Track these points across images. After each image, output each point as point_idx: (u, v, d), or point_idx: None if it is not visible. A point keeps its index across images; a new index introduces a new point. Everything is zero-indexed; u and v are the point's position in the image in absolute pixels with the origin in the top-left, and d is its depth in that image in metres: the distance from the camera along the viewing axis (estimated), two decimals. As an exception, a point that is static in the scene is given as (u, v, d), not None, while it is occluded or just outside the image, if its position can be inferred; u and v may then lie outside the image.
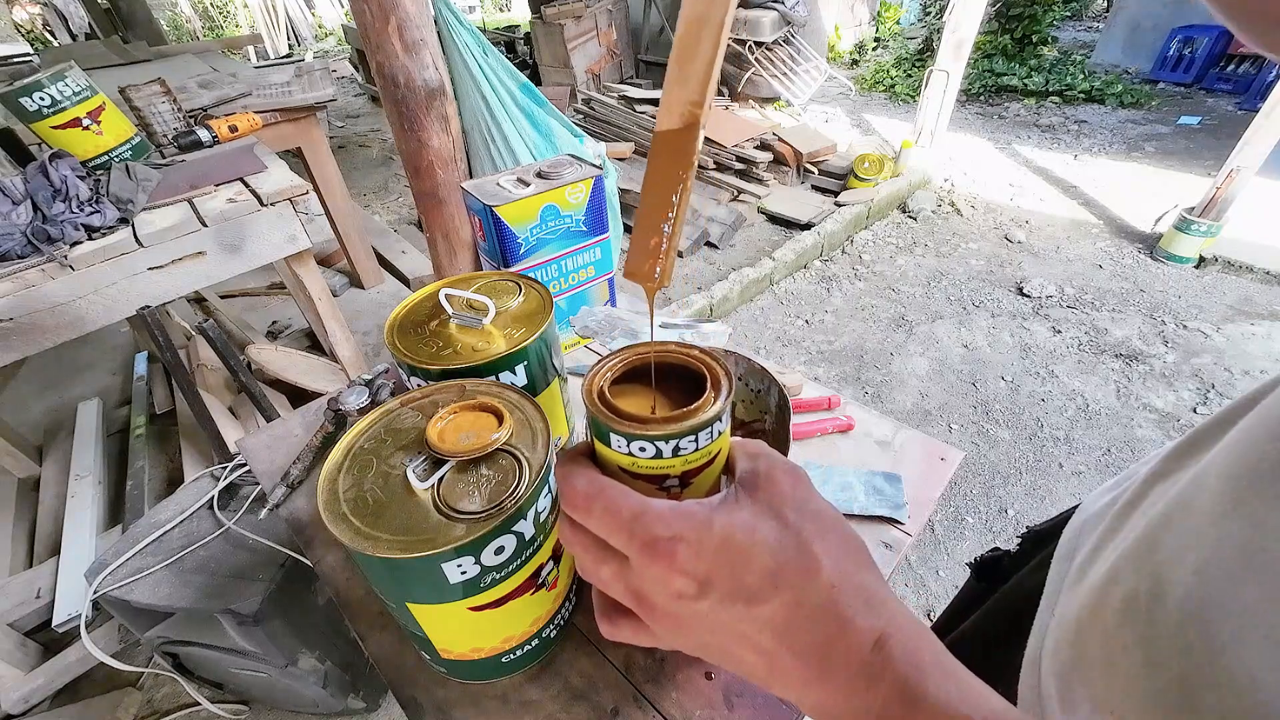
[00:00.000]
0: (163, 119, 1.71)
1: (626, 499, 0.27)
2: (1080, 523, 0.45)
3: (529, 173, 0.85)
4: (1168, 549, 0.30)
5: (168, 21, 8.77)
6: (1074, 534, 0.45)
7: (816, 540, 0.26)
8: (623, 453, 0.29)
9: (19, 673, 1.35)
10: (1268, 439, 0.26)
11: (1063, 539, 0.46)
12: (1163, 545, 0.31)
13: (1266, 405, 0.28)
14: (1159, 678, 0.28)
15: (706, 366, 0.32)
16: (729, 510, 0.27)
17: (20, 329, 1.21)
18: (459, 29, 1.95)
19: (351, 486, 0.46)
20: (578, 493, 0.28)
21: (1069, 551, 0.44)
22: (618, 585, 0.28)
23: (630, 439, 0.29)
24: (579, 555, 0.30)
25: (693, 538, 0.26)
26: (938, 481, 0.71)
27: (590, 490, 0.28)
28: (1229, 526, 0.27)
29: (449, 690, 0.55)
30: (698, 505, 0.27)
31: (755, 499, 0.28)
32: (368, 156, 4.80)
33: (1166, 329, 2.45)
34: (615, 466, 0.31)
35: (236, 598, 1.02)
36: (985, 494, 1.86)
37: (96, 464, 1.80)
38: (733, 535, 0.26)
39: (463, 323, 0.64)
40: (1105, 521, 0.39)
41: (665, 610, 0.27)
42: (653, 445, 0.29)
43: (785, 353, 2.52)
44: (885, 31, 6.34)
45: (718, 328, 0.88)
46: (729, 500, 0.28)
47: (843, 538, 0.27)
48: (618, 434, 0.29)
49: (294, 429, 0.88)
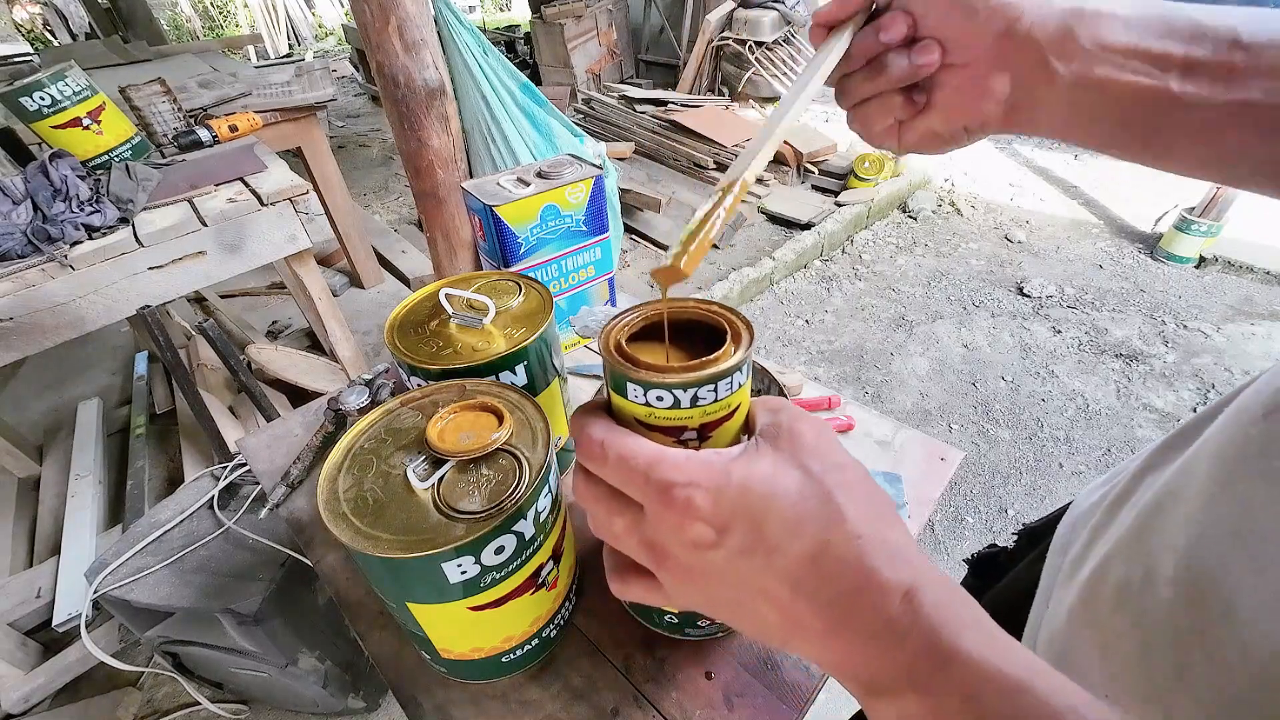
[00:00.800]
0: (163, 119, 1.71)
1: (642, 446, 0.26)
2: (1074, 518, 0.46)
3: (529, 172, 0.85)
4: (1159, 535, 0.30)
5: (168, 21, 8.77)
6: (1068, 529, 0.45)
7: (840, 491, 0.25)
8: (639, 403, 0.29)
9: (19, 672, 1.35)
10: (1250, 422, 0.26)
11: (1057, 534, 0.46)
12: (1154, 532, 0.31)
13: (1249, 392, 0.28)
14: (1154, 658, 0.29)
15: (727, 320, 0.32)
16: (749, 459, 0.26)
17: (20, 328, 1.21)
18: (459, 29, 1.95)
19: (351, 486, 0.46)
20: (593, 440, 0.27)
21: (1063, 546, 0.44)
22: (631, 539, 0.27)
23: (648, 388, 0.28)
24: (592, 508, 0.29)
25: (710, 485, 0.25)
26: (938, 481, 0.71)
27: (606, 438, 0.27)
28: (1217, 508, 0.27)
29: (449, 690, 0.55)
30: (716, 454, 0.26)
31: (777, 449, 0.26)
32: (368, 156, 4.80)
33: (1167, 329, 2.45)
34: (632, 418, 0.30)
35: (236, 597, 1.02)
36: (985, 494, 1.86)
37: (97, 464, 1.80)
38: (752, 484, 0.25)
39: (463, 322, 0.64)
40: (1097, 516, 0.40)
41: (680, 561, 0.26)
42: (670, 394, 0.28)
43: (785, 353, 2.52)
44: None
45: (718, 327, 0.88)
46: (749, 450, 0.27)
47: (869, 491, 0.26)
48: (635, 383, 0.28)
49: (294, 429, 0.88)
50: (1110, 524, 0.37)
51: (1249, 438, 0.26)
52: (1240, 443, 0.27)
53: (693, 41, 4.59)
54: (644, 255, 3.12)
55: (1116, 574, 0.32)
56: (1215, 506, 0.27)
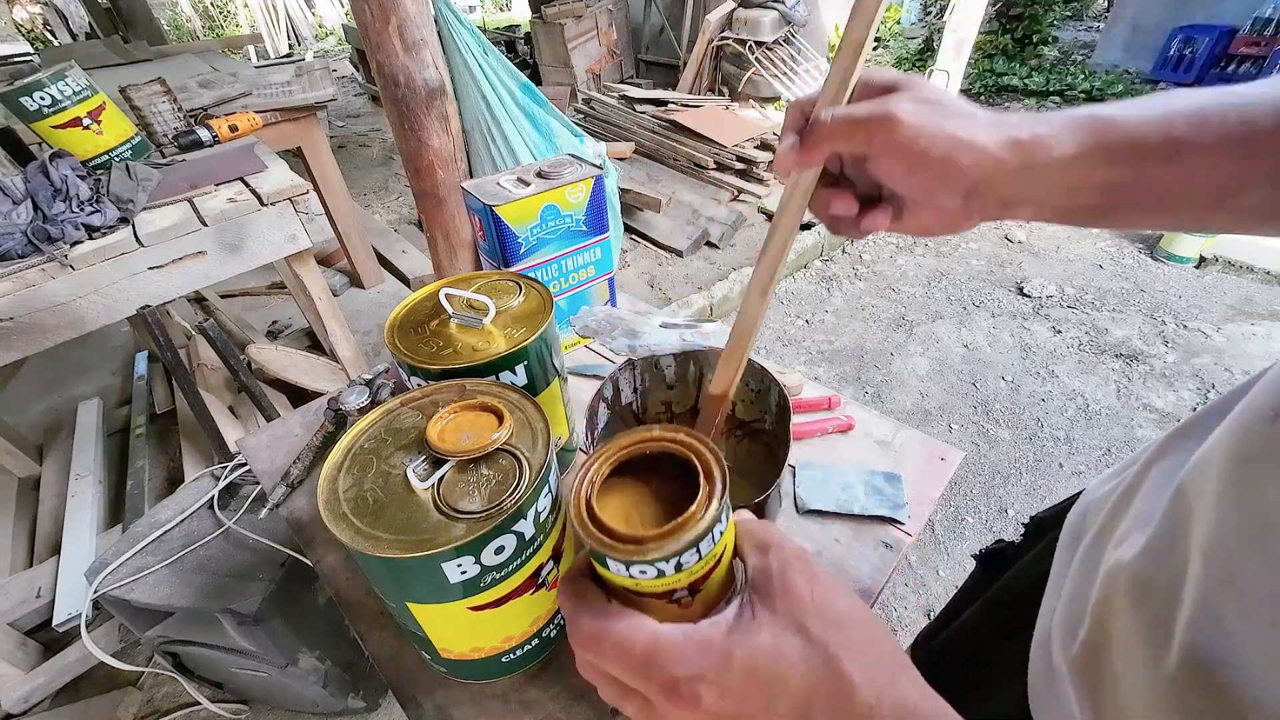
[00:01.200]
0: (163, 118, 1.71)
1: (636, 636, 0.26)
2: (1084, 507, 0.45)
3: (529, 172, 0.85)
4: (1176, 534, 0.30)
5: (168, 21, 8.77)
6: (1079, 518, 0.45)
7: (845, 655, 0.25)
8: (623, 575, 0.27)
9: (19, 672, 1.35)
10: (1262, 420, 0.26)
11: (1067, 524, 0.46)
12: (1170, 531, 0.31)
13: (1261, 386, 0.28)
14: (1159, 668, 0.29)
15: (696, 454, 0.30)
16: (747, 633, 0.25)
17: (21, 328, 1.21)
18: (459, 28, 1.94)
19: (352, 486, 0.46)
20: (584, 635, 0.27)
21: (1074, 536, 0.44)
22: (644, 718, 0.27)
23: (628, 564, 0.26)
24: (600, 687, 0.29)
25: (714, 676, 0.24)
26: (938, 481, 0.71)
27: (597, 631, 0.27)
28: (1229, 508, 0.27)
29: (449, 690, 0.55)
30: (714, 630, 0.26)
31: (773, 611, 0.26)
32: (368, 156, 4.80)
33: (1167, 329, 2.45)
34: (620, 588, 0.28)
35: (237, 597, 1.02)
36: (985, 494, 1.86)
37: (97, 463, 1.80)
38: (756, 664, 0.25)
39: (463, 322, 0.64)
40: (1109, 505, 0.39)
41: None
42: (653, 567, 0.26)
43: (785, 352, 2.52)
44: (886, 31, 6.34)
45: (718, 327, 0.88)
46: (745, 620, 0.26)
47: (869, 640, 0.26)
48: (614, 559, 0.27)
49: (294, 429, 0.88)
50: (1124, 513, 0.37)
51: (1260, 435, 0.26)
52: (1250, 442, 0.27)
53: (693, 41, 4.59)
54: (644, 255, 3.12)
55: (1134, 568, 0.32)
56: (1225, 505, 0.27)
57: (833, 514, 0.68)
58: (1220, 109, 0.30)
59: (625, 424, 0.61)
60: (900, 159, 0.34)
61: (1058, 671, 0.38)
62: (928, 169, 0.34)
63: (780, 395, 0.53)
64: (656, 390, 0.61)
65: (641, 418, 0.62)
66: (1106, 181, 0.32)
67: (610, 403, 0.57)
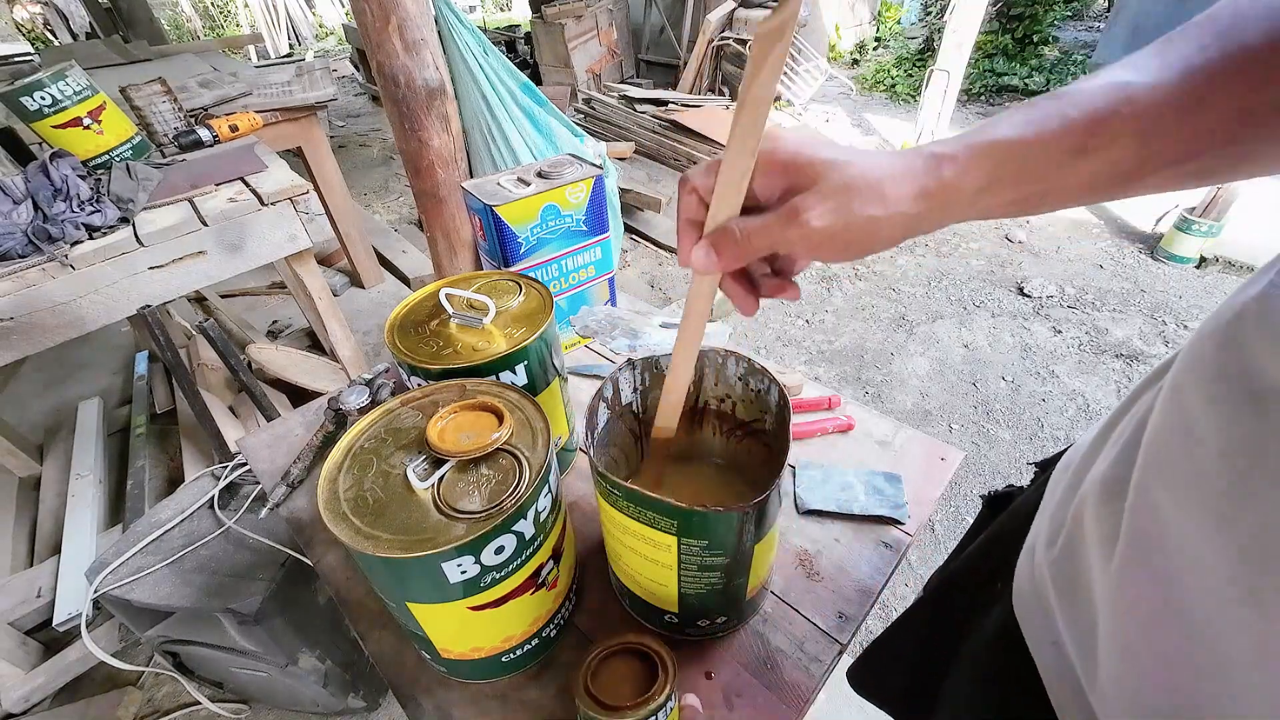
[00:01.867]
0: (163, 118, 1.71)
1: None
2: (1077, 445, 0.50)
3: (529, 172, 0.85)
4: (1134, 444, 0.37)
5: (168, 21, 8.77)
6: (1072, 453, 0.50)
7: None
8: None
9: (20, 671, 1.35)
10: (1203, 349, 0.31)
11: (1060, 461, 0.51)
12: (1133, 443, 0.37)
13: (1207, 321, 0.32)
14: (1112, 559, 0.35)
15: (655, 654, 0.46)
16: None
17: (21, 328, 1.21)
18: (459, 28, 1.95)
19: (352, 486, 0.46)
20: None
21: (1064, 465, 0.49)
22: None
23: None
24: None
25: None
26: (938, 481, 0.71)
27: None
28: (1163, 411, 0.33)
29: (449, 690, 0.55)
30: None
31: None
32: (368, 156, 4.80)
33: (1167, 329, 2.45)
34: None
35: (237, 597, 1.02)
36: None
37: (97, 463, 1.80)
38: None
39: (463, 322, 0.64)
40: (1093, 438, 0.45)
41: None
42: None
43: (785, 352, 2.52)
44: (886, 31, 6.34)
45: (718, 327, 0.88)
46: None
47: None
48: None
49: (294, 428, 0.89)
50: (1102, 445, 0.43)
51: (1199, 359, 0.31)
52: (1183, 360, 0.32)
53: (693, 41, 4.59)
54: (644, 255, 3.12)
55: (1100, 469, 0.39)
56: (1164, 411, 0.32)
57: (833, 514, 0.68)
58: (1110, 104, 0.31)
59: (625, 424, 0.61)
60: (819, 254, 0.36)
61: (1039, 574, 0.43)
62: (848, 253, 0.35)
63: (780, 395, 0.53)
64: (656, 390, 0.61)
65: (641, 418, 0.62)
66: (1016, 197, 0.34)
67: (610, 403, 0.57)
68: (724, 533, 0.45)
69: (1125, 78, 0.32)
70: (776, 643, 0.56)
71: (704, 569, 0.48)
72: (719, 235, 0.36)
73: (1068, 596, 0.40)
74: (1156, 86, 0.31)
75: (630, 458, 0.64)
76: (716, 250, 0.36)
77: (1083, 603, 0.38)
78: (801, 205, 0.34)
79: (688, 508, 0.43)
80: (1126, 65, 0.33)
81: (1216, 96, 0.30)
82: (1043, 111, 0.33)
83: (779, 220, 0.35)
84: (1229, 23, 0.30)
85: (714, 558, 0.47)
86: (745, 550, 0.48)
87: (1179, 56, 0.31)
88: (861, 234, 0.34)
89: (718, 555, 0.47)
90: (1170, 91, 0.30)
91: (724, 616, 0.55)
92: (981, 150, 0.33)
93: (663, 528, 0.45)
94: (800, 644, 0.56)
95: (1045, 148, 0.32)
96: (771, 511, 0.48)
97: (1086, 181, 0.33)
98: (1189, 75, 0.30)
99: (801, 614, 0.58)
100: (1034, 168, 0.33)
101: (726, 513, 0.43)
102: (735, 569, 0.49)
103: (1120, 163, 0.32)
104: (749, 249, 0.36)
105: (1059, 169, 0.32)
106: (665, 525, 0.45)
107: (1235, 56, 0.29)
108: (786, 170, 0.35)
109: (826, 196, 0.33)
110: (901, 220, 0.34)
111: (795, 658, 0.55)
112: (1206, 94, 0.30)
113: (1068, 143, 0.32)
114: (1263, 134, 0.30)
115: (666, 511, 0.44)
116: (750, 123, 0.33)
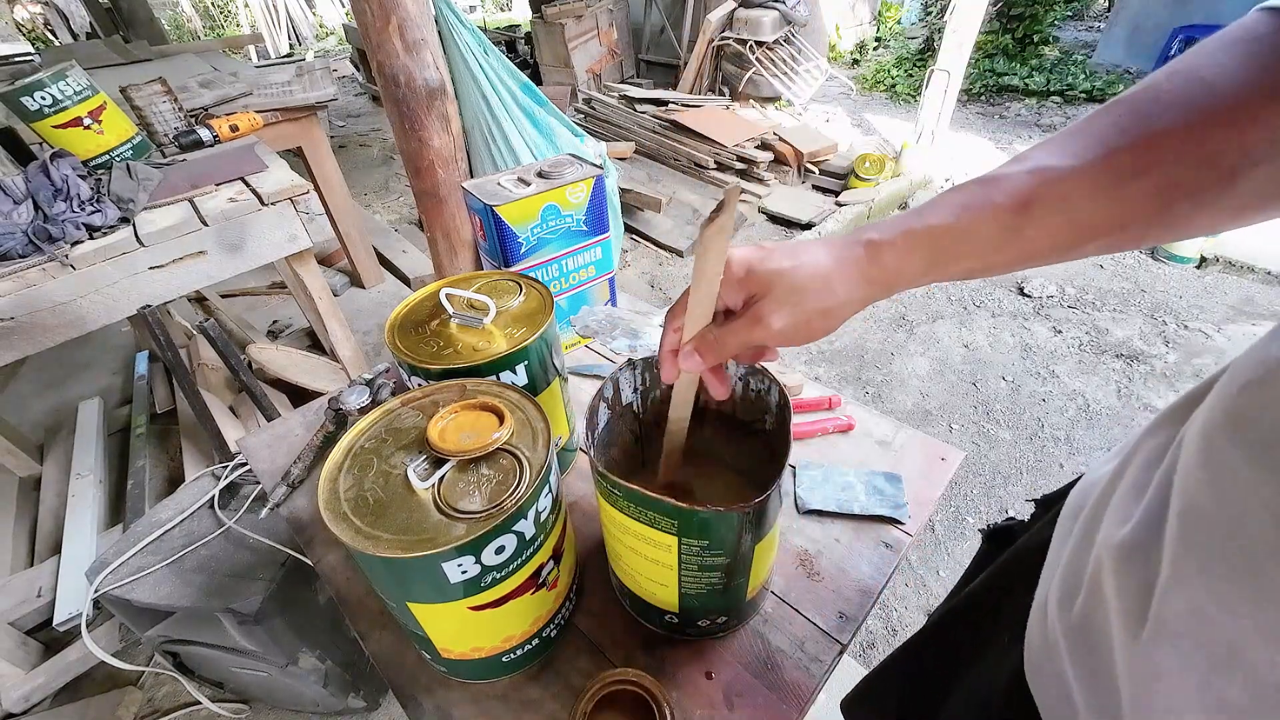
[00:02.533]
0: (164, 118, 1.71)
1: None
2: (1085, 486, 0.48)
3: (530, 172, 0.85)
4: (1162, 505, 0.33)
5: (169, 21, 8.77)
6: (1080, 495, 0.47)
7: None
8: None
9: (20, 671, 1.35)
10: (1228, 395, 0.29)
11: (1068, 500, 0.49)
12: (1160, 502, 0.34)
13: (1235, 361, 0.30)
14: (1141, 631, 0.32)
15: (649, 694, 0.49)
16: None
17: (21, 328, 1.21)
18: (460, 28, 1.94)
19: (352, 486, 0.46)
20: None
21: (1073, 512, 0.46)
22: None
23: None
24: None
25: None
26: (938, 481, 0.71)
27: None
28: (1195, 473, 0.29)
29: (449, 690, 0.55)
30: None
31: None
32: (368, 156, 4.80)
33: (1168, 329, 2.44)
34: None
35: (237, 597, 1.02)
36: (986, 494, 1.86)
37: (97, 463, 1.80)
38: None
39: (463, 322, 0.64)
40: (1104, 482, 0.42)
41: None
42: None
43: (786, 352, 2.52)
44: (886, 31, 6.34)
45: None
46: None
47: None
48: None
49: (295, 428, 0.89)
50: (1114, 492, 0.40)
51: (1225, 407, 0.28)
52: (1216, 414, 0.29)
53: (693, 41, 4.59)
54: (644, 255, 3.12)
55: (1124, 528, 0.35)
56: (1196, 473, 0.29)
57: (833, 514, 0.68)
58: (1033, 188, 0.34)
59: (625, 424, 0.61)
60: (785, 344, 0.42)
61: (1053, 637, 0.41)
62: (811, 338, 0.41)
63: (780, 395, 0.53)
64: (656, 390, 0.61)
65: (641, 418, 0.62)
66: (960, 270, 0.38)
67: (610, 403, 0.57)
68: (724, 533, 0.45)
69: (1047, 161, 0.34)
70: (777, 643, 0.56)
71: (704, 569, 0.48)
72: (699, 340, 0.42)
73: (1086, 666, 0.37)
74: (1076, 168, 0.33)
75: (631, 457, 0.64)
76: (699, 352, 0.42)
77: (1103, 676, 0.35)
78: (762, 311, 0.40)
79: (688, 508, 0.43)
80: (1049, 147, 0.35)
81: (1139, 173, 0.32)
82: (972, 197, 0.36)
83: (745, 325, 0.40)
84: (1148, 106, 0.32)
85: (714, 558, 0.47)
86: (746, 550, 0.48)
87: (1098, 139, 0.33)
88: (820, 321, 0.40)
89: (718, 555, 0.47)
90: (1089, 171, 0.33)
91: (724, 616, 0.55)
92: (917, 236, 0.37)
93: (663, 528, 0.45)
94: (801, 644, 0.56)
95: (977, 231, 0.36)
96: (772, 511, 0.48)
97: (1025, 254, 0.36)
98: (1109, 155, 0.32)
99: (802, 614, 0.58)
100: (969, 249, 0.36)
101: (727, 513, 0.43)
102: (735, 569, 0.49)
103: (1054, 236, 0.34)
104: (725, 349, 0.42)
105: (994, 248, 0.36)
106: (665, 525, 0.45)
107: (1155, 136, 0.31)
108: (744, 284, 0.41)
109: (782, 301, 0.39)
110: (851, 303, 0.39)
111: (796, 658, 0.55)
112: (1129, 171, 0.32)
113: (997, 225, 0.35)
114: (1198, 200, 0.32)
115: (667, 511, 0.44)
116: (713, 270, 0.39)
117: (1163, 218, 0.33)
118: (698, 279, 0.40)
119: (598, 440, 0.53)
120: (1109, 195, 0.33)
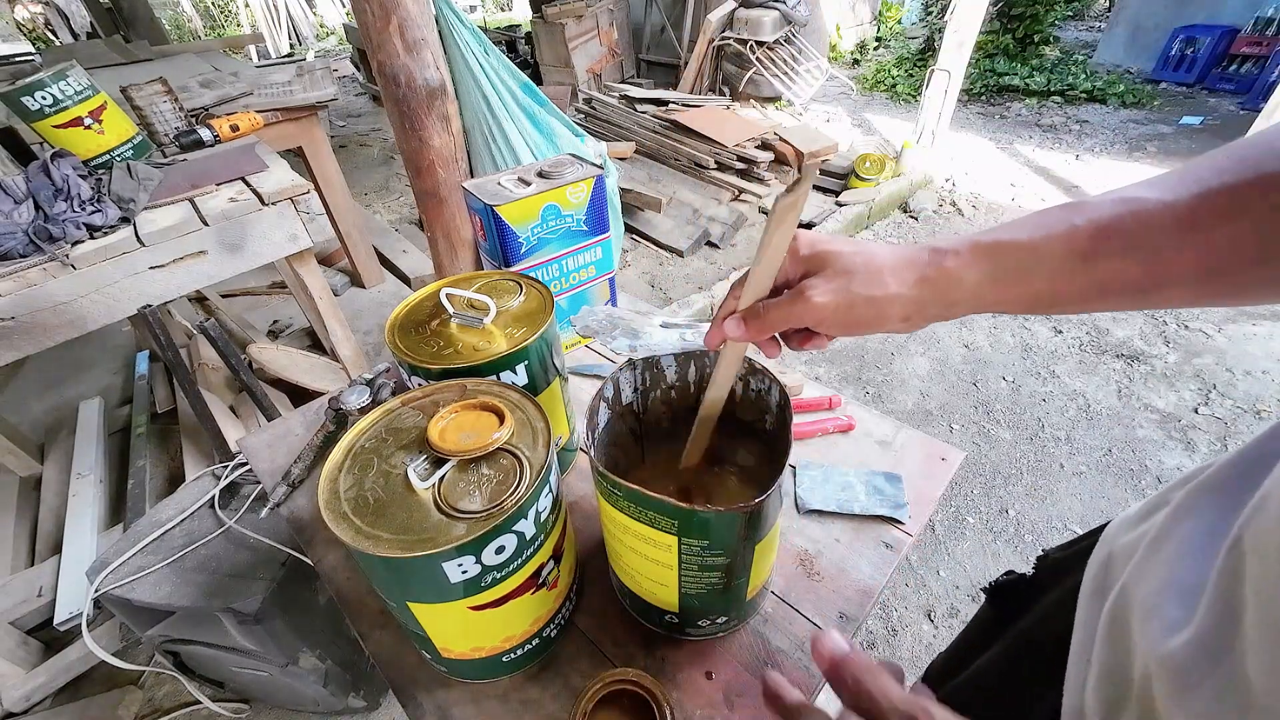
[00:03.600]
0: (164, 118, 1.71)
1: None
2: (1106, 557, 0.44)
3: (530, 172, 0.85)
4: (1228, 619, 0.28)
5: (169, 21, 8.77)
6: (1101, 570, 0.44)
7: None
8: None
9: (20, 671, 1.36)
10: None
11: (1089, 574, 0.45)
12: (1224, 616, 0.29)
13: None
14: None
15: (649, 693, 0.49)
16: None
17: (22, 328, 1.21)
18: (460, 28, 1.94)
19: (352, 486, 0.46)
20: None
21: (1097, 589, 0.43)
22: None
23: None
24: None
25: None
26: (938, 481, 0.71)
27: None
28: None
29: (449, 690, 0.55)
30: None
31: None
32: (369, 156, 4.80)
33: (1168, 329, 2.44)
34: None
35: (237, 596, 1.02)
36: (986, 494, 1.86)
37: (98, 463, 1.80)
38: None
39: (464, 322, 0.64)
40: (1134, 560, 0.38)
41: None
42: None
43: (787, 353, 2.52)
44: (886, 31, 6.34)
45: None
46: None
47: None
48: None
49: (295, 428, 0.89)
50: (1150, 573, 0.36)
51: None
52: None
53: (694, 41, 4.59)
54: (645, 255, 3.12)
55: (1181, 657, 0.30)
56: None
57: (833, 514, 0.68)
58: (1118, 214, 0.32)
59: (625, 424, 0.61)
60: (827, 328, 0.42)
61: None
62: (857, 328, 0.40)
63: (781, 395, 0.53)
64: (656, 390, 0.61)
65: (642, 418, 0.62)
66: (1023, 295, 0.36)
67: (611, 403, 0.57)
68: (724, 533, 0.45)
69: (1137, 194, 0.32)
70: (777, 643, 0.56)
71: (704, 569, 0.48)
72: (748, 312, 0.43)
73: None
74: (1167, 203, 0.31)
75: (631, 457, 0.64)
76: (745, 323, 0.43)
77: None
78: (808, 286, 0.39)
79: (688, 508, 0.43)
80: (1144, 183, 0.33)
81: (1234, 215, 0.29)
82: (1051, 218, 0.34)
83: (790, 299, 0.40)
84: (1249, 151, 0.30)
85: (714, 558, 0.47)
86: (746, 550, 0.48)
87: (1196, 179, 0.31)
88: (865, 308, 0.39)
89: (718, 555, 0.47)
90: (1181, 209, 0.31)
91: (724, 616, 0.55)
92: (985, 248, 0.36)
93: (663, 528, 0.45)
94: (801, 644, 0.56)
95: (1049, 250, 0.34)
96: (772, 511, 0.48)
97: (1096, 288, 0.34)
98: (1203, 196, 0.30)
99: (802, 614, 0.58)
100: (1036, 268, 0.34)
101: (727, 513, 0.43)
102: (736, 569, 0.49)
103: (1127, 272, 0.32)
104: (768, 322, 0.42)
105: (1063, 273, 0.34)
106: (666, 525, 0.45)
107: (1256, 180, 0.29)
108: (805, 260, 0.41)
109: (830, 279, 0.39)
110: (901, 302, 0.38)
111: (796, 658, 0.55)
112: (1223, 212, 0.30)
113: (1070, 248, 0.33)
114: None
115: (667, 511, 0.44)
116: (779, 242, 0.39)
117: (1260, 270, 0.30)
118: (762, 250, 0.40)
119: (598, 440, 0.53)
120: (1196, 236, 0.30)
